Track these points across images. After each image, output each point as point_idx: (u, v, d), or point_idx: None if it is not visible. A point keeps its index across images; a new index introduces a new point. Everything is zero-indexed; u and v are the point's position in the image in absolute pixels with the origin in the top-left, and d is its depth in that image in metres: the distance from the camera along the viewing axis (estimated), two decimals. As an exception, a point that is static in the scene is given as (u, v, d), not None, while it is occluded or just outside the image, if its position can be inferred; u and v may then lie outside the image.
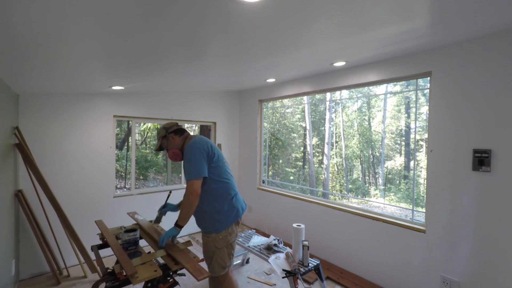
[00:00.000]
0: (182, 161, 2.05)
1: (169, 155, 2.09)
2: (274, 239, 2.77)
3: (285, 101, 8.68)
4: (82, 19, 1.32)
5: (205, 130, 5.96)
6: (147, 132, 10.96)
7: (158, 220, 2.32)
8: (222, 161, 2.05)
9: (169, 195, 2.43)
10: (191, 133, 2.19)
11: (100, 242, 2.15)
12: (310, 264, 2.39)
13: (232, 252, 2.06)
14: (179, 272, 1.75)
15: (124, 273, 1.55)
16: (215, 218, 1.97)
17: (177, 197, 4.19)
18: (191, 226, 4.31)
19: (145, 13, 1.32)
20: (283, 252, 2.59)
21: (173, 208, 2.29)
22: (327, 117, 12.29)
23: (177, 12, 1.35)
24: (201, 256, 1.83)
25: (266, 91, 4.32)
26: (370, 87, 7.01)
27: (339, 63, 2.87)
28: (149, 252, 1.85)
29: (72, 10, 1.21)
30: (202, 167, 1.88)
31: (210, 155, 1.95)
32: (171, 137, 2.08)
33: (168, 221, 4.01)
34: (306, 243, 2.40)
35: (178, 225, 1.89)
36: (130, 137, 8.85)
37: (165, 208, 2.28)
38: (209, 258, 2.01)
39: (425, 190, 2.69)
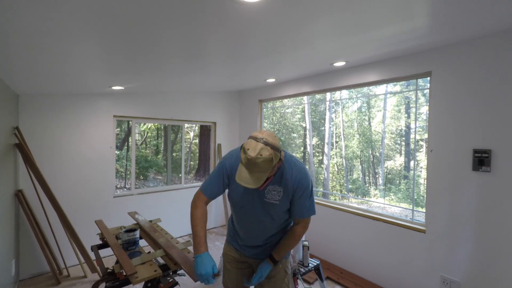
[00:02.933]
0: (269, 187, 1.43)
1: (265, 184, 1.34)
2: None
3: (285, 101, 8.69)
4: (80, 15, 1.32)
5: (205, 130, 5.96)
6: (147, 132, 10.97)
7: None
8: None
9: None
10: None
11: (100, 242, 2.15)
12: (310, 264, 2.39)
13: None
14: (179, 272, 1.75)
15: (124, 273, 1.55)
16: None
17: (176, 198, 4.21)
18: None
19: (144, 11, 1.33)
20: (283, 252, 2.58)
21: None
22: (327, 117, 12.30)
23: (176, 12, 1.35)
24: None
25: (266, 91, 4.32)
26: (370, 87, 7.01)
27: (339, 63, 2.87)
28: (149, 252, 1.85)
29: (70, 6, 1.21)
30: None
31: None
32: (280, 159, 1.32)
33: (170, 220, 3.99)
34: (306, 243, 2.39)
35: (275, 260, 1.55)
36: (130, 137, 8.85)
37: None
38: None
39: (425, 190, 2.69)
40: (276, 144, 1.26)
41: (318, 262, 2.41)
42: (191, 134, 10.71)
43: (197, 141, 10.25)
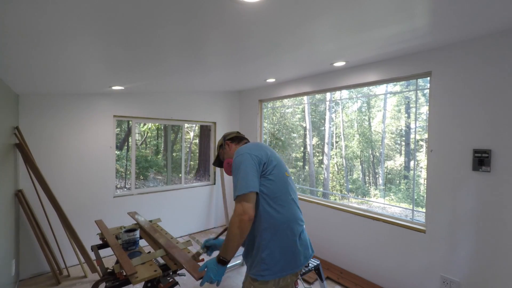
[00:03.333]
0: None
1: (224, 168, 1.72)
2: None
3: (285, 101, 8.69)
4: (80, 13, 1.32)
5: (205, 130, 5.96)
6: (147, 132, 10.96)
7: (198, 255, 1.71)
8: (282, 175, 1.48)
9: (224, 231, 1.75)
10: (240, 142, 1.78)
11: (100, 242, 2.15)
12: (310, 264, 2.39)
13: None
14: (179, 272, 1.75)
15: (124, 273, 1.55)
16: (262, 257, 1.39)
17: (176, 198, 4.21)
18: (191, 226, 4.32)
19: (143, 9, 1.32)
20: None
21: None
22: (327, 117, 12.30)
23: (175, 11, 1.35)
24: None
25: (266, 91, 4.32)
26: (370, 87, 7.01)
27: (339, 63, 2.87)
28: (149, 252, 1.85)
29: (69, 4, 1.21)
30: (252, 178, 1.36)
31: (263, 163, 1.44)
32: (227, 145, 1.74)
33: (170, 220, 3.99)
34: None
35: (222, 260, 1.34)
36: (130, 137, 8.85)
37: (214, 240, 1.75)
38: None
39: (425, 190, 2.69)
40: (225, 134, 1.81)
41: (318, 262, 2.41)
42: (191, 134, 10.71)
43: (197, 141, 10.25)
